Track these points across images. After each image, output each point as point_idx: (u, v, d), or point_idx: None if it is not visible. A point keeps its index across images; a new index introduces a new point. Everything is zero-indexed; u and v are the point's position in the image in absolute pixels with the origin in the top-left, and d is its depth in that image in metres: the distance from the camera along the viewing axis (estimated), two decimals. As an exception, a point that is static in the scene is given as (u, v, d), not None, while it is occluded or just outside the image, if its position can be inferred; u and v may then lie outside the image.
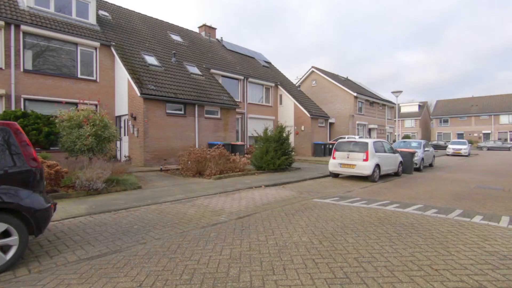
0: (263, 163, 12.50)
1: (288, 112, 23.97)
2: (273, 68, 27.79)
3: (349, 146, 11.51)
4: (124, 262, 3.51)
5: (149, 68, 15.05)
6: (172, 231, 4.76)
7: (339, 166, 11.25)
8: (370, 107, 32.04)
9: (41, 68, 13.17)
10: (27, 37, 12.73)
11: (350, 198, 7.58)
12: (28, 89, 12.60)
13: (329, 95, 30.13)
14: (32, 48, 12.99)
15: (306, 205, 6.62)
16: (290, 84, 26.28)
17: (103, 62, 14.86)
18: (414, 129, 55.21)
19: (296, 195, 8.02)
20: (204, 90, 16.26)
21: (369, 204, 6.68)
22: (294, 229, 4.75)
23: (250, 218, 5.47)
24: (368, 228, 4.78)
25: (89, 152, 8.81)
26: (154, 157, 13.53)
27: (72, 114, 8.90)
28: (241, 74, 21.51)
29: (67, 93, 13.52)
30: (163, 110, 13.95)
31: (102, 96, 14.78)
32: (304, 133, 23.01)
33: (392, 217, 5.48)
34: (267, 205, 6.65)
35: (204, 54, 20.99)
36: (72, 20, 14.49)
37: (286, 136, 13.42)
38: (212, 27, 25.47)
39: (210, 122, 16.06)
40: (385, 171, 11.59)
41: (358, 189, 9.23)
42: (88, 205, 6.30)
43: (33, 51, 13.07)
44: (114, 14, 18.34)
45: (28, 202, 3.43)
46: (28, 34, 12.73)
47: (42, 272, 3.30)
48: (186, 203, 6.77)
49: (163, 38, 19.48)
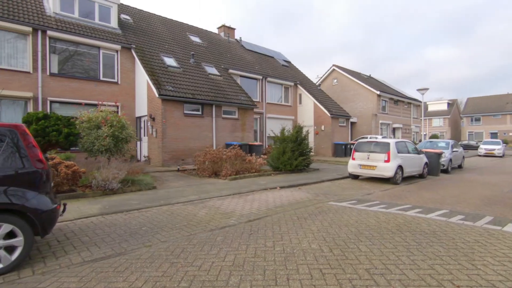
0: (279, 163, 12.27)
1: (308, 111, 23.53)
2: (293, 67, 27.42)
3: (370, 146, 11.03)
4: (125, 265, 3.45)
5: (168, 70, 15.26)
6: (179, 233, 4.68)
7: (359, 167, 10.81)
8: (394, 106, 30.83)
9: (66, 72, 13.69)
10: (53, 42, 13.27)
11: (369, 201, 7.21)
12: (53, 92, 13.14)
13: (351, 94, 29.30)
14: (57, 52, 13.53)
15: (321, 208, 6.34)
16: (310, 83, 25.81)
17: (124, 64, 15.23)
18: (443, 129, 52.61)
19: (311, 197, 7.74)
20: (221, 91, 16.26)
21: (388, 209, 6.30)
22: (305, 234, 4.52)
23: (260, 222, 5.30)
24: (384, 235, 4.46)
25: (106, 153, 8.99)
26: (172, 157, 13.67)
27: (91, 116, 9.12)
28: (259, 74, 21.36)
29: (90, 95, 13.96)
30: (181, 111, 14.08)
31: (123, 97, 15.16)
32: (324, 133, 22.49)
33: (412, 224, 5.10)
34: (279, 208, 6.44)
35: (223, 54, 21.04)
36: (95, 24, 14.96)
37: (304, 136, 13.10)
38: (231, 28, 25.52)
39: (228, 122, 16.03)
40: (408, 173, 11.00)
41: (378, 191, 8.79)
42: (102, 205, 6.38)
43: (59, 55, 13.61)
44: (135, 17, 18.79)
45: (33, 203, 3.45)
46: (54, 39, 13.27)
47: (45, 273, 3.30)
48: (198, 205, 6.71)
49: (182, 39, 19.72)
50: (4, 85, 12.06)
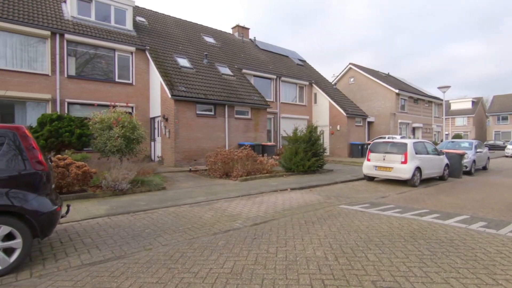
0: (292, 164, 12.03)
1: (323, 111, 23.09)
2: (308, 66, 27.01)
3: (386, 147, 10.61)
4: (122, 270, 3.37)
5: (181, 70, 15.33)
6: (181, 237, 4.58)
7: (374, 168, 10.41)
8: (414, 105, 29.77)
9: (83, 74, 14.03)
10: (70, 45, 13.62)
11: (383, 205, 6.87)
12: (71, 94, 13.49)
13: (368, 93, 28.53)
14: (74, 55, 13.89)
15: (331, 212, 6.09)
16: (325, 82, 25.33)
17: (138, 65, 15.45)
18: (467, 128, 50.37)
19: (322, 200, 7.48)
20: (234, 91, 16.19)
21: (403, 213, 5.96)
22: (310, 240, 4.31)
23: (265, 225, 5.12)
24: (396, 243, 4.17)
25: (118, 153, 9.09)
26: (184, 158, 13.72)
27: (104, 117, 9.25)
28: (273, 73, 21.16)
29: (105, 96, 14.23)
30: (193, 111, 14.10)
31: (137, 98, 15.38)
32: (339, 133, 21.99)
33: (427, 230, 4.77)
34: (287, 211, 6.24)
35: (236, 54, 20.98)
36: (111, 27, 15.26)
37: (317, 136, 12.79)
38: (245, 27, 25.44)
39: (240, 123, 15.93)
40: (427, 175, 10.49)
41: (394, 194, 8.40)
42: (110, 206, 6.41)
43: (76, 58, 13.96)
44: (150, 19, 19.04)
45: (32, 205, 3.44)
46: (71, 42, 13.62)
47: (42, 276, 3.27)
48: (205, 206, 6.61)
49: (196, 40, 19.82)
50: (25, 87, 12.49)
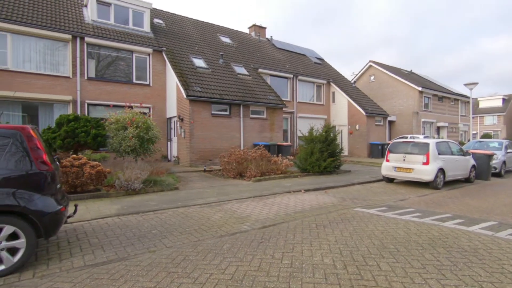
0: (307, 165, 11.74)
1: (341, 110, 22.53)
2: (326, 64, 26.47)
3: (407, 147, 10.12)
4: (122, 273, 3.31)
5: (197, 71, 15.40)
6: (187, 239, 4.49)
7: (394, 169, 9.95)
8: (438, 103, 28.47)
9: (102, 75, 14.39)
10: (90, 47, 14.00)
11: (401, 208, 6.50)
12: (91, 95, 13.87)
13: (389, 91, 27.57)
14: (94, 57, 14.27)
15: (344, 215, 5.81)
16: (344, 81, 24.72)
17: (155, 67, 15.66)
18: (497, 127, 47.64)
19: (337, 202, 7.19)
20: (250, 90, 16.07)
21: (422, 218, 5.59)
22: (319, 245, 4.08)
23: (274, 228, 4.94)
24: (412, 251, 3.87)
25: (132, 153, 9.19)
26: (199, 158, 13.75)
27: (119, 117, 9.39)
28: (290, 73, 20.87)
29: (123, 97, 14.51)
30: (209, 111, 14.11)
31: (154, 99, 15.60)
32: (359, 133, 21.36)
33: (449, 238, 4.41)
34: (299, 214, 6.02)
35: (253, 54, 20.86)
36: (129, 29, 15.56)
37: (333, 136, 12.43)
38: (261, 27, 25.29)
39: (256, 123, 15.79)
40: (451, 177, 9.92)
41: (415, 197, 7.97)
42: (121, 206, 6.45)
43: (95, 60, 14.34)
44: (167, 21, 19.29)
45: (35, 205, 3.45)
46: (91, 45, 13.99)
47: (44, 277, 3.26)
48: (215, 207, 6.52)
49: (212, 40, 19.88)
50: (48, 89, 12.97)
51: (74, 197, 6.91)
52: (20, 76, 12.45)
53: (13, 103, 12.50)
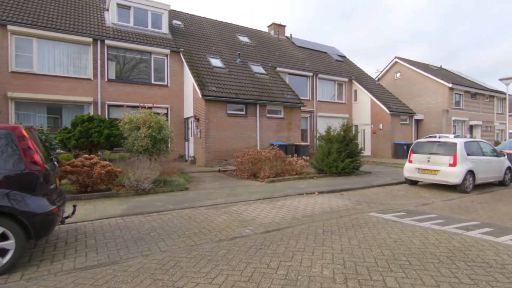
0: (324, 165, 11.28)
1: (364, 109, 21.66)
2: (348, 62, 25.61)
3: (431, 147, 9.41)
4: (107, 278, 3.17)
5: (213, 70, 15.35)
6: (184, 242, 4.31)
7: (417, 171, 9.28)
8: (471, 100, 26.64)
9: (121, 77, 14.72)
10: (110, 50, 14.36)
11: (422, 214, 5.96)
12: (110, 96, 14.22)
13: (417, 88, 26.16)
14: (114, 59, 14.62)
15: (356, 220, 5.40)
16: (367, 78, 23.77)
17: (173, 67, 15.81)
18: (539, 125, 43.91)
19: (351, 206, 6.75)
20: (266, 89, 15.79)
21: (444, 226, 5.05)
22: (322, 254, 3.74)
23: (277, 234, 4.65)
24: (427, 264, 3.43)
25: (145, 153, 9.22)
26: (215, 158, 13.67)
27: (132, 117, 9.47)
28: (309, 71, 20.35)
29: (142, 98, 14.73)
30: (224, 111, 13.99)
31: (172, 99, 15.74)
32: (382, 132, 20.42)
33: (472, 250, 3.90)
34: (307, 218, 5.67)
35: (271, 52, 20.56)
36: (148, 31, 15.81)
37: (352, 136, 11.87)
38: (281, 25, 24.91)
39: (273, 122, 15.48)
40: (483, 180, 9.09)
41: (439, 201, 7.34)
42: (127, 206, 6.41)
43: (115, 62, 14.69)
44: (186, 22, 19.46)
45: (24, 206, 3.40)
46: (111, 47, 14.35)
47: (31, 279, 3.20)
48: (221, 209, 6.32)
49: (230, 40, 19.80)
50: (70, 91, 13.44)
51: (84, 197, 7.00)
52: (45, 79, 12.98)
53: (39, 104, 13.06)
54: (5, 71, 12.27)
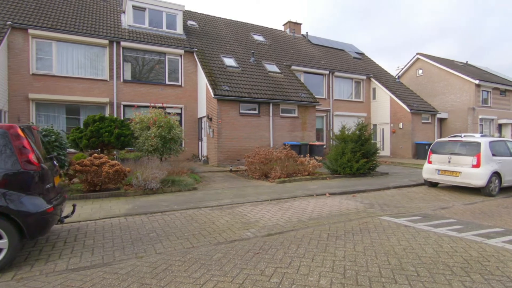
0: (337, 166, 10.89)
1: (383, 107, 20.90)
2: (366, 59, 24.84)
3: (453, 147, 8.84)
4: (95, 281, 3.09)
5: (226, 70, 15.28)
6: (181, 244, 4.19)
7: (437, 172, 8.75)
8: (500, 97, 25.10)
9: (136, 78, 14.95)
10: (125, 51, 14.61)
11: (439, 218, 5.54)
12: (126, 97, 14.47)
13: (440, 86, 24.97)
14: (129, 60, 14.87)
15: (366, 224, 5.08)
16: (386, 76, 22.96)
17: (187, 67, 15.88)
18: None
19: (362, 208, 6.41)
20: (280, 88, 15.54)
21: (462, 232, 4.65)
22: (322, 261, 3.50)
23: (278, 237, 4.43)
24: (437, 276, 3.11)
25: (155, 152, 9.25)
26: (227, 157, 13.58)
27: (143, 117, 9.53)
28: (325, 69, 19.87)
29: (157, 98, 14.87)
30: (237, 110, 13.88)
31: (186, 99, 15.82)
32: (402, 132, 19.61)
33: (491, 260, 3.52)
34: (313, 221, 5.41)
35: (286, 51, 20.26)
36: (162, 32, 15.98)
37: (368, 135, 11.41)
38: (297, 23, 24.53)
39: (286, 121, 15.21)
40: (510, 182, 8.43)
41: (460, 205, 6.84)
42: (133, 206, 6.40)
43: (130, 63, 14.94)
44: (201, 22, 19.54)
45: (18, 205, 3.38)
46: (126, 49, 14.59)
47: (22, 280, 3.17)
48: (225, 210, 6.17)
49: (244, 39, 19.69)
50: (88, 92, 13.78)
51: (93, 196, 7.08)
52: (64, 80, 13.39)
53: (58, 105, 13.49)
54: (27, 74, 12.75)
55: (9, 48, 12.43)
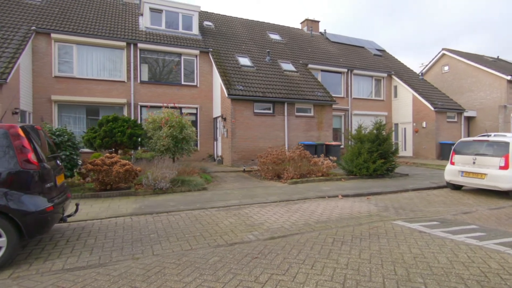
0: (353, 167, 10.50)
1: (405, 106, 20.06)
2: (387, 56, 23.97)
3: (478, 147, 8.26)
4: (87, 282, 3.05)
5: (241, 69, 15.20)
6: (179, 246, 4.11)
7: (460, 174, 8.20)
8: (536, 94, 23.35)
9: (153, 79, 15.21)
10: (142, 53, 14.90)
11: (459, 224, 5.13)
12: (143, 98, 14.74)
13: (468, 82, 23.61)
14: (146, 61, 15.14)
15: (376, 229, 4.78)
16: (408, 73, 22.03)
17: (202, 68, 15.96)
18: None
19: (375, 212, 6.08)
20: (296, 87, 15.25)
21: (483, 240, 4.25)
22: (322, 269, 3.28)
23: (281, 241, 4.25)
24: (448, 289, 2.81)
25: (167, 152, 9.30)
26: (241, 158, 13.49)
27: (155, 117, 9.62)
28: (344, 67, 19.35)
29: (173, 99, 15.02)
30: (251, 110, 13.76)
31: (201, 99, 15.91)
32: (425, 131, 18.72)
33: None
34: (321, 224, 5.17)
35: (303, 49, 19.91)
36: (179, 33, 16.16)
37: (386, 135, 10.92)
38: (314, 21, 24.08)
39: (301, 121, 14.91)
40: (543, 186, 7.73)
41: (484, 210, 6.34)
42: (140, 205, 6.43)
43: (147, 64, 15.21)
44: (217, 23, 19.60)
45: (16, 204, 3.42)
46: (143, 50, 14.88)
47: (18, 278, 3.20)
48: (232, 211, 6.05)
49: (260, 38, 19.55)
50: (106, 93, 14.16)
51: (104, 195, 7.19)
52: (84, 82, 13.83)
53: (79, 106, 13.95)
54: (49, 76, 13.28)
55: (33, 52, 12.98)
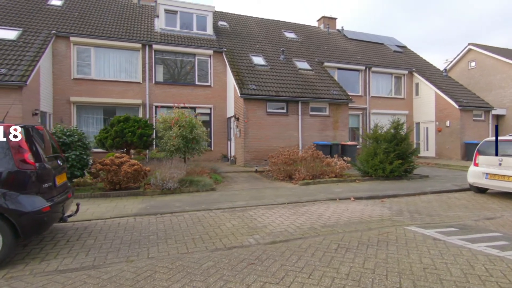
0: (369, 167, 10.07)
1: (427, 104, 19.16)
2: (408, 52, 23.03)
3: (505, 147, 7.65)
4: (75, 285, 2.99)
5: (254, 69, 15.05)
6: (176, 249, 4.00)
7: (485, 177, 7.64)
8: None
9: (167, 79, 15.36)
10: (157, 54, 15.09)
11: (479, 231, 4.71)
12: (158, 98, 14.92)
13: (496, 78, 22.23)
14: (161, 62, 15.32)
15: (386, 235, 4.47)
16: (431, 70, 21.05)
17: (216, 68, 15.95)
18: None
19: (388, 216, 5.73)
20: (310, 86, 14.91)
21: (506, 250, 3.85)
22: (319, 279, 3.05)
23: (281, 246, 4.04)
24: (459, 307, 2.51)
25: (177, 152, 9.30)
26: (254, 158, 13.34)
27: (166, 117, 9.65)
28: (362, 64, 18.75)
29: (187, 99, 15.10)
30: (264, 110, 13.58)
31: (215, 99, 15.90)
32: (449, 130, 17.78)
33: (538, 291, 2.79)
34: (327, 228, 4.91)
35: (319, 47, 19.49)
36: (193, 34, 16.24)
37: (404, 135, 10.40)
38: (331, 18, 23.53)
39: (316, 120, 14.55)
40: None
41: (510, 216, 5.83)
42: (146, 205, 6.41)
43: (162, 65, 15.39)
44: (231, 22, 19.55)
45: (11, 204, 3.43)
46: (158, 51, 15.06)
47: (11, 278, 3.19)
48: (236, 213, 5.90)
49: (275, 37, 19.31)
50: (123, 94, 14.44)
51: (113, 194, 7.25)
52: (101, 84, 14.17)
53: (96, 107, 14.31)
54: (69, 79, 13.70)
55: (53, 55, 13.44)
